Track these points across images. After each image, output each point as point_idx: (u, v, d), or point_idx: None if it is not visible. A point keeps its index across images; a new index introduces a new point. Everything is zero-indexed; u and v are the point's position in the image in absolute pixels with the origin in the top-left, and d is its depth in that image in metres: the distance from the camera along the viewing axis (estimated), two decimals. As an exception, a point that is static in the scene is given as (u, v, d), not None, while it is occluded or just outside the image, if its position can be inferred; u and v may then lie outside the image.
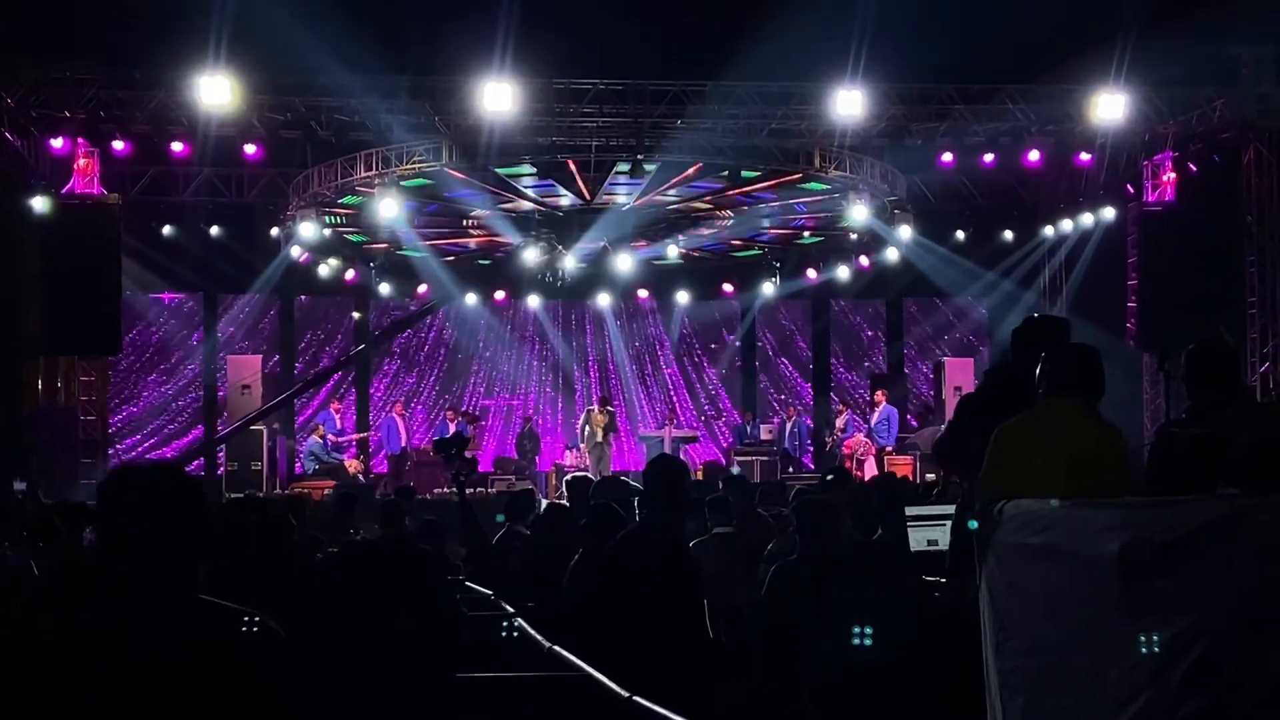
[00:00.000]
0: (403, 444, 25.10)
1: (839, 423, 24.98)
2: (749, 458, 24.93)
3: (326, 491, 20.14)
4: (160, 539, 3.37)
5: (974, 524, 6.52)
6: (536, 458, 26.18)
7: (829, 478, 13.59)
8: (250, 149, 22.27)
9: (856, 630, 6.52)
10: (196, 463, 25.36)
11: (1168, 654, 4.05)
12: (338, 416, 24.82)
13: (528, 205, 24.38)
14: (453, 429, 25.05)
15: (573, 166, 21.95)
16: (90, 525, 9.09)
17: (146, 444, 27.59)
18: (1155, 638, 4.12)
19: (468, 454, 10.07)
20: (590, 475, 18.31)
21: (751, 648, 8.19)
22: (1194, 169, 22.61)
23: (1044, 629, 4.78)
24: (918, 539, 7.77)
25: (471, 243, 27.53)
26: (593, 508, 8.70)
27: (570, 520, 10.18)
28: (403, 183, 22.06)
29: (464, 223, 25.87)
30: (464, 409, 27.65)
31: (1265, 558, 3.87)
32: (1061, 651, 4.64)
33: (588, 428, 24.99)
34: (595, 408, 25.45)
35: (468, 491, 10.52)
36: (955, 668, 5.61)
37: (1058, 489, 5.16)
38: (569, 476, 14.50)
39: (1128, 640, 4.23)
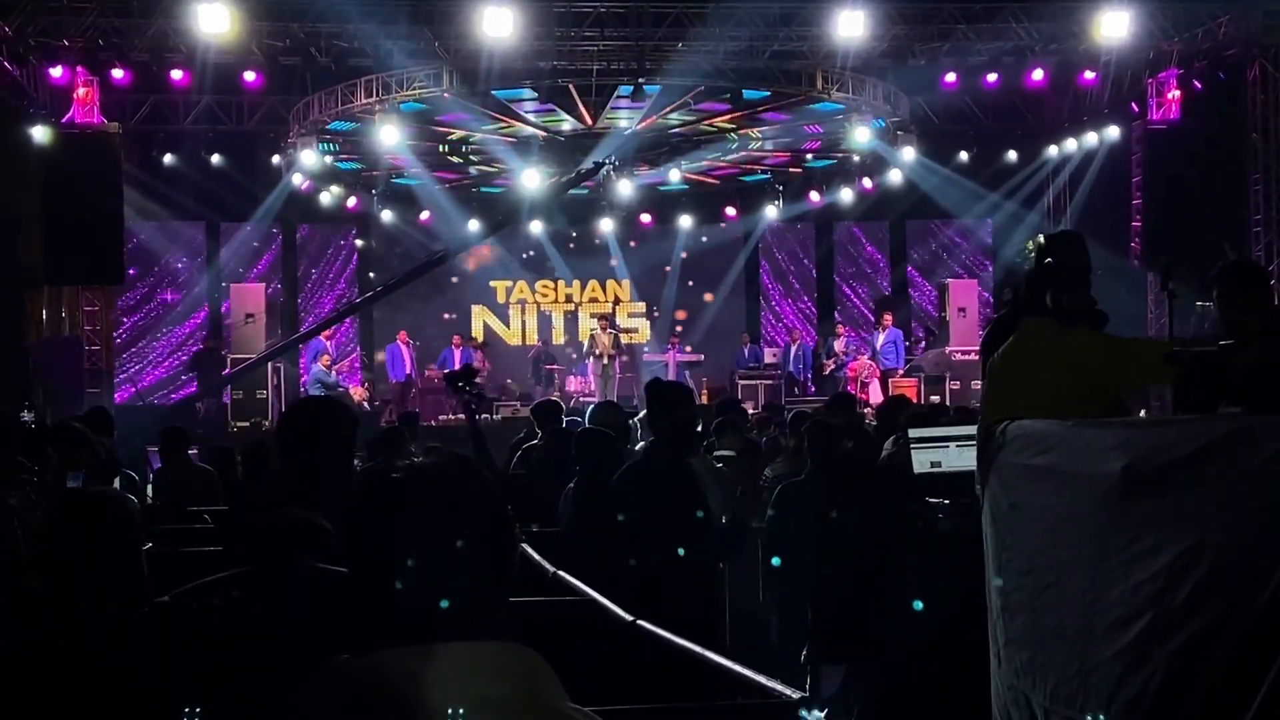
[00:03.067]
0: (407, 371, 25.13)
1: (838, 345, 24.97)
2: (752, 381, 24.94)
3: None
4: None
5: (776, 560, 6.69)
6: (553, 381, 26.09)
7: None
8: (250, 76, 22.20)
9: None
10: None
11: (1170, 575, 4.06)
12: (329, 344, 24.78)
13: (529, 130, 24.28)
14: (458, 355, 25.06)
15: (574, 91, 21.85)
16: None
17: (154, 376, 27.64)
18: (1158, 559, 4.13)
19: (478, 380, 10.02)
20: (559, 400, 18.16)
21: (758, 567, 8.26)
22: (1199, 87, 22.48)
23: (1046, 549, 4.80)
24: (921, 460, 7.76)
25: (472, 169, 27.45)
26: (585, 433, 8.73)
27: (547, 447, 10.24)
28: (401, 106, 21.97)
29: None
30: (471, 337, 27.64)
31: (1265, 479, 3.87)
32: (1063, 571, 4.66)
33: (592, 353, 24.98)
34: (598, 329, 25.39)
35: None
36: (957, 590, 5.65)
37: (1047, 409, 5.16)
38: (534, 403, 14.45)
39: (1130, 561, 4.24)
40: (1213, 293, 6.09)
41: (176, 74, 21.92)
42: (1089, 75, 23.45)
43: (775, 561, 7.54)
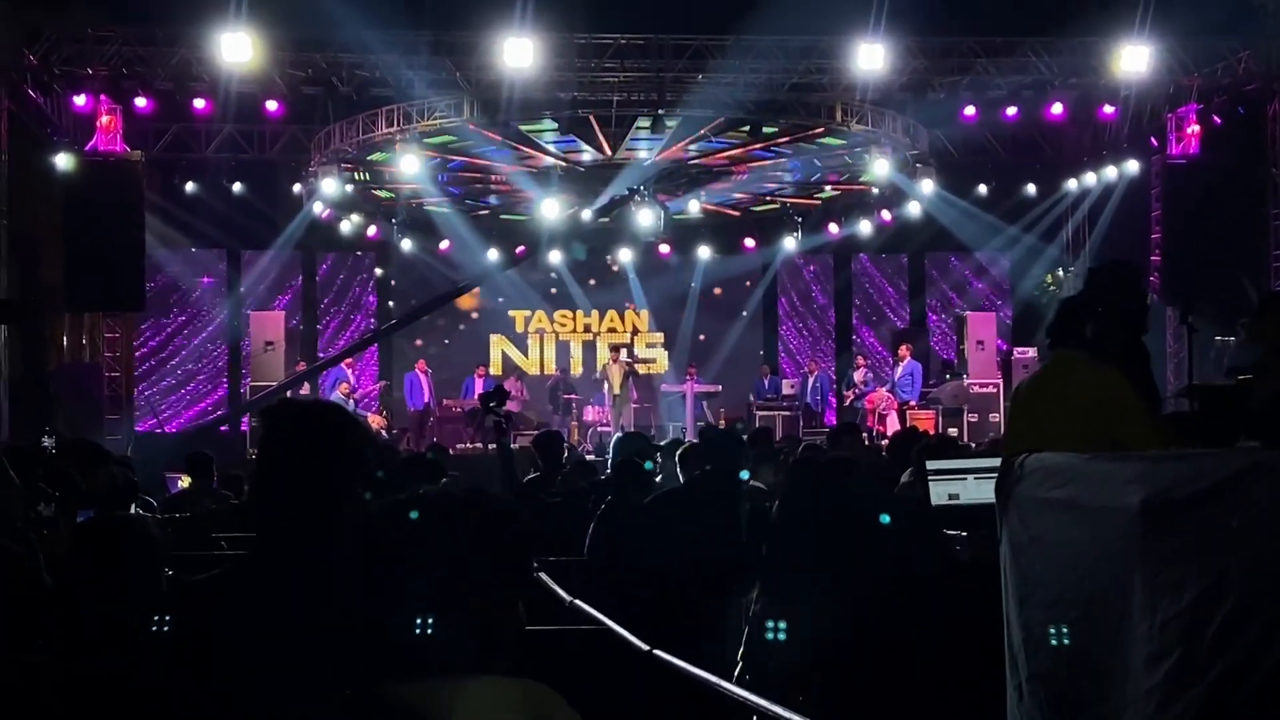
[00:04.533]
0: (426, 400, 25.13)
1: (857, 377, 24.94)
2: (770, 412, 24.89)
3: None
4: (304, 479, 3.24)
5: (885, 518, 6.65)
6: (571, 411, 26.04)
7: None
8: (272, 105, 22.33)
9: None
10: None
11: (1196, 612, 4.04)
12: (350, 372, 24.83)
13: (549, 160, 24.35)
14: (479, 384, 25.08)
15: (594, 122, 21.93)
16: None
17: (173, 400, 27.70)
18: (1182, 595, 4.11)
19: (509, 407, 10.11)
20: (558, 429, 18.21)
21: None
22: (1218, 121, 22.49)
23: (1069, 584, 4.78)
24: (939, 492, 7.74)
25: (493, 198, 27.54)
26: (620, 464, 8.80)
27: (547, 478, 10.27)
28: (425, 140, 22.07)
29: (491, 178, 25.83)
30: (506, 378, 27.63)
31: (1285, 512, 3.86)
32: (1088, 607, 4.64)
33: (606, 380, 24.96)
34: (610, 361, 25.36)
35: (491, 446, 10.59)
36: (974, 622, 5.64)
37: (1071, 442, 5.15)
38: (536, 434, 14.45)
39: (1154, 596, 4.23)
40: (1248, 322, 6.06)
41: (199, 103, 22.07)
42: (1108, 109, 23.45)
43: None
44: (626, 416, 24.43)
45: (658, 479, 9.62)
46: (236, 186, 25.43)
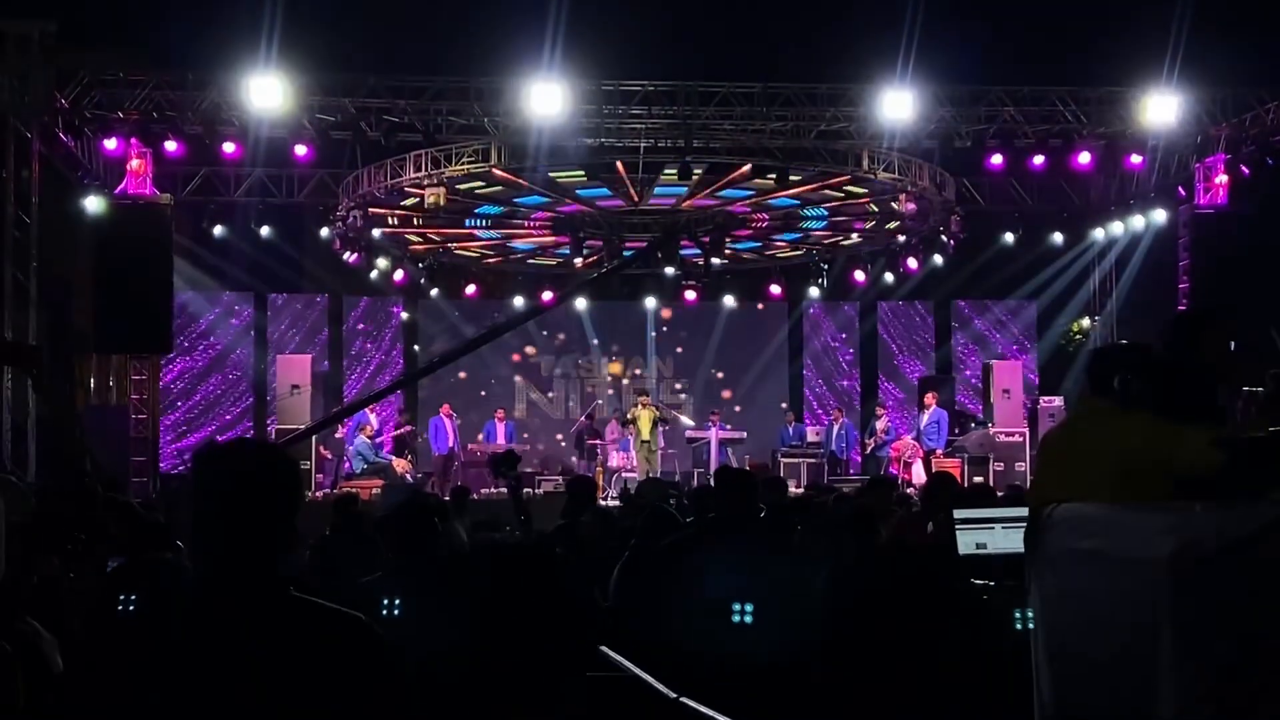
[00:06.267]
0: (450, 444, 25.13)
1: (879, 425, 24.88)
2: (795, 460, 24.83)
3: (374, 491, 20.21)
4: (246, 521, 3.15)
5: None
6: (596, 456, 25.99)
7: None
8: (300, 150, 22.37)
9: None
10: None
11: (1228, 667, 4.00)
12: (372, 415, 24.87)
13: (576, 206, 24.41)
14: (501, 429, 25.09)
15: (621, 169, 21.98)
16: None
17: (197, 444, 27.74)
18: (1213, 651, 4.07)
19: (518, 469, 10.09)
20: (589, 475, 18.29)
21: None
22: (1246, 171, 22.42)
23: (1098, 636, 4.73)
24: (966, 542, 7.71)
25: (520, 243, 27.61)
26: (648, 510, 8.80)
27: (574, 522, 10.26)
28: (457, 187, 22.18)
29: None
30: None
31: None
32: (1117, 661, 4.59)
33: (633, 426, 24.88)
34: (639, 405, 25.29)
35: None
36: (1003, 671, 5.59)
37: (1102, 492, 5.10)
38: (568, 478, 14.47)
39: (1184, 652, 4.18)
40: (1277, 373, 6.01)
41: (229, 147, 22.13)
42: (1136, 159, 23.42)
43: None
44: (656, 462, 24.34)
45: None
46: (264, 230, 25.54)
